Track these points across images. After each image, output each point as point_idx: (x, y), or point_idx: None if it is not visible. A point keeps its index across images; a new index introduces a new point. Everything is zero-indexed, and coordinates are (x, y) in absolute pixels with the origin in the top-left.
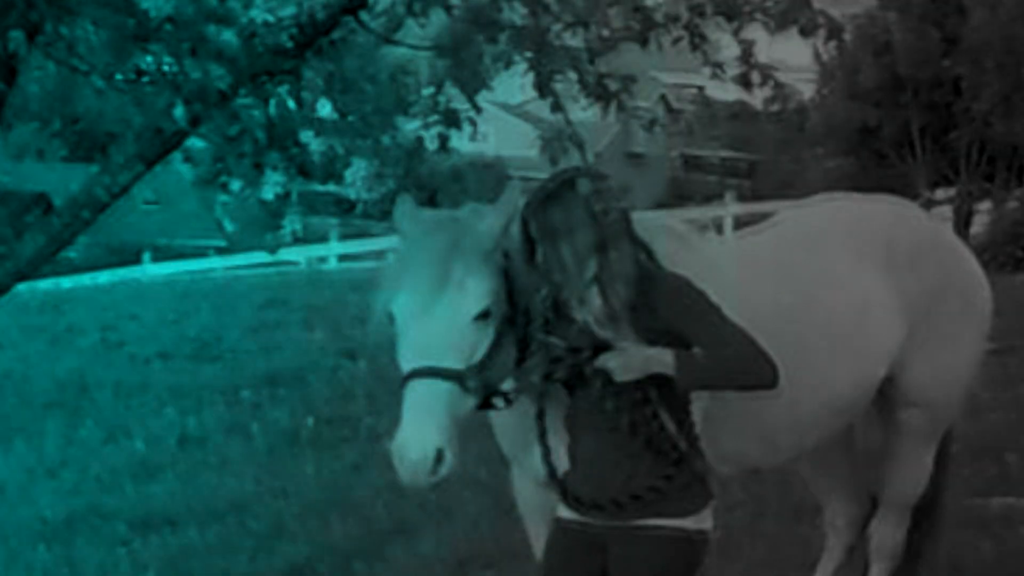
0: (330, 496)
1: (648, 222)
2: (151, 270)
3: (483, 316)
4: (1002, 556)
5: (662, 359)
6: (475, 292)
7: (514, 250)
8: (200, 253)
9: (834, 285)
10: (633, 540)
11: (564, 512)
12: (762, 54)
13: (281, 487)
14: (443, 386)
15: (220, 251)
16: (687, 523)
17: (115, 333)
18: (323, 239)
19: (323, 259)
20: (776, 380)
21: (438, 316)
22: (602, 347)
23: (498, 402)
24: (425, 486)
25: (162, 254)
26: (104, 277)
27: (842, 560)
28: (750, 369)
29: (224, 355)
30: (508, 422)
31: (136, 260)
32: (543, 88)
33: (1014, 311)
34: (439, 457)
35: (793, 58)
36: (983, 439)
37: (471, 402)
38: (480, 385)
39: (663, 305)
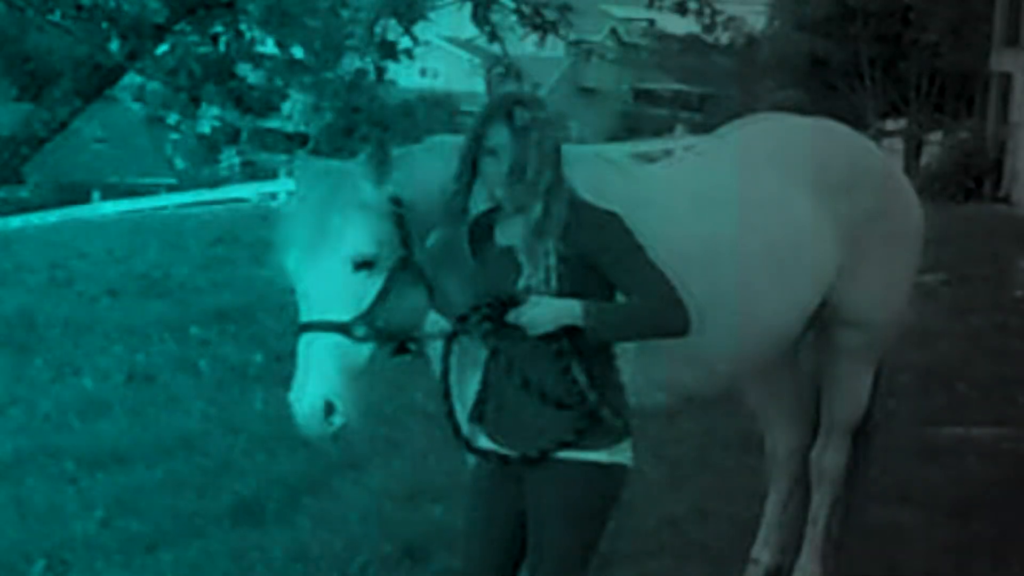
0: (279, 431)
1: (584, 152)
2: (101, 208)
3: (366, 265)
4: (950, 485)
5: (572, 311)
6: (354, 242)
7: (410, 197)
8: (151, 191)
9: (770, 212)
10: (548, 473)
11: (484, 442)
12: None
13: (230, 423)
14: (330, 338)
15: (171, 189)
16: (602, 456)
17: (63, 271)
18: (273, 175)
19: (273, 195)
20: (688, 329)
21: (320, 268)
22: (512, 302)
23: (412, 347)
24: (323, 438)
25: (112, 192)
26: (54, 216)
27: (789, 490)
28: (662, 319)
29: (173, 292)
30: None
31: (86, 199)
32: (480, 19)
33: (964, 241)
34: (329, 409)
35: None
36: (933, 369)
37: (366, 350)
38: (371, 333)
39: (589, 239)
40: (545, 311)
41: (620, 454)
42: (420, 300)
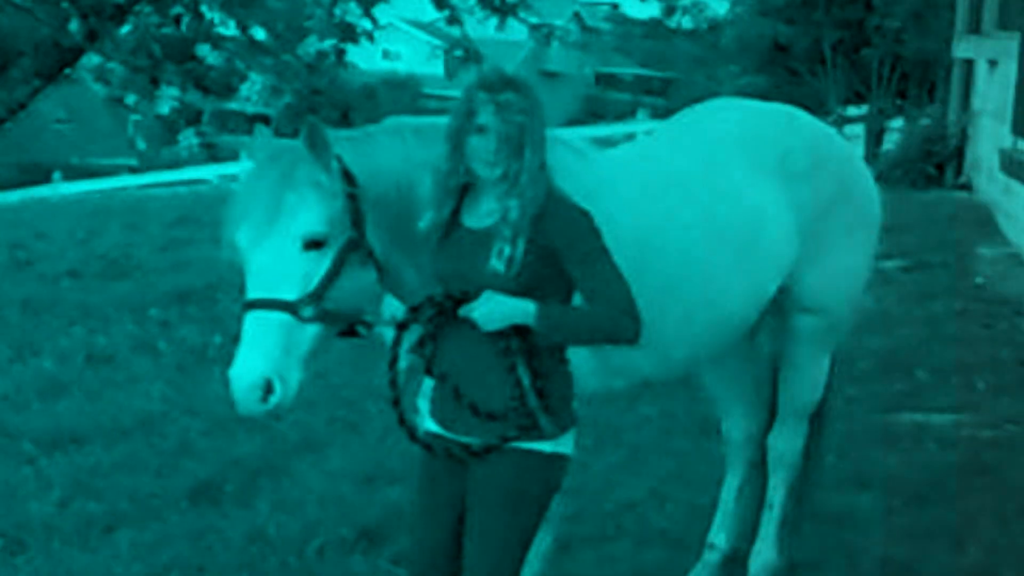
0: (238, 413)
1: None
2: (62, 189)
3: (316, 244)
4: (909, 470)
5: (526, 311)
6: (305, 221)
7: (365, 178)
8: (112, 172)
9: (730, 198)
10: (489, 460)
11: (431, 425)
12: None
13: (188, 404)
14: (274, 316)
15: (132, 170)
16: (545, 447)
17: (23, 251)
18: (235, 157)
19: (234, 177)
20: (637, 339)
21: (268, 246)
22: (465, 297)
23: (361, 330)
24: (258, 415)
25: (74, 173)
26: (14, 196)
27: (745, 475)
28: (614, 328)
29: (133, 273)
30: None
31: (47, 179)
32: (439, 1)
33: (925, 228)
34: (268, 387)
35: None
36: (893, 355)
37: (312, 330)
38: (318, 314)
39: (559, 231)
40: (498, 308)
41: (563, 445)
42: (369, 281)
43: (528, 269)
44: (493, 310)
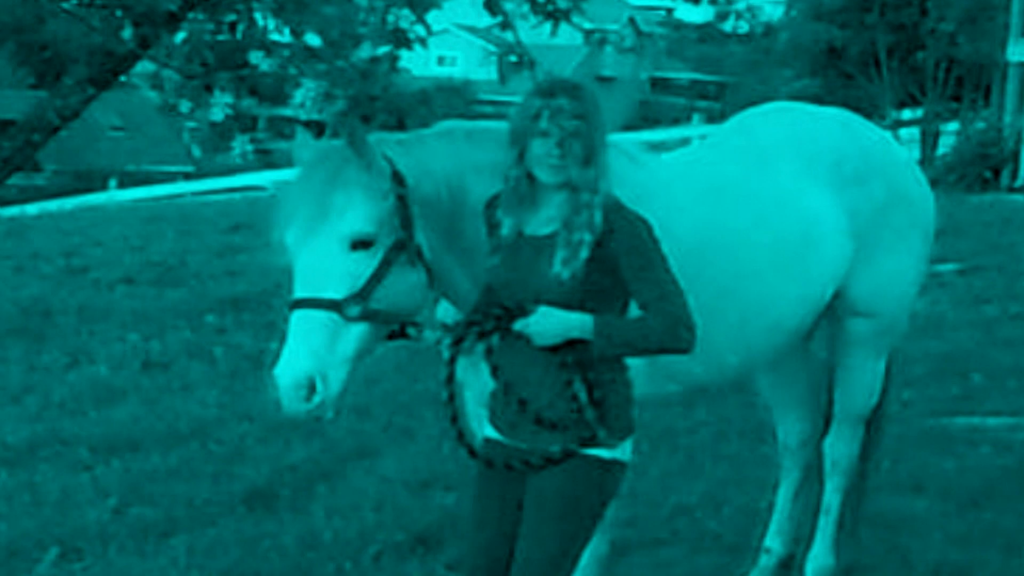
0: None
1: None
2: (118, 196)
3: (363, 244)
4: (964, 475)
5: (583, 325)
6: (352, 221)
7: (415, 179)
8: (168, 179)
9: (783, 205)
10: (547, 467)
11: (491, 431)
12: None
13: (244, 411)
14: (321, 315)
15: (188, 177)
16: (604, 453)
17: (79, 259)
18: (289, 163)
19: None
20: (692, 348)
21: (317, 246)
22: (521, 311)
23: (411, 332)
24: (301, 414)
25: (129, 180)
26: (70, 204)
27: (800, 481)
28: (670, 339)
29: (188, 279)
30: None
31: (103, 186)
32: (492, 6)
33: (980, 232)
34: (311, 386)
35: None
36: (949, 358)
37: (358, 330)
38: (364, 313)
39: (620, 239)
40: (554, 323)
41: (622, 452)
42: (419, 283)
43: (589, 277)
44: (548, 325)
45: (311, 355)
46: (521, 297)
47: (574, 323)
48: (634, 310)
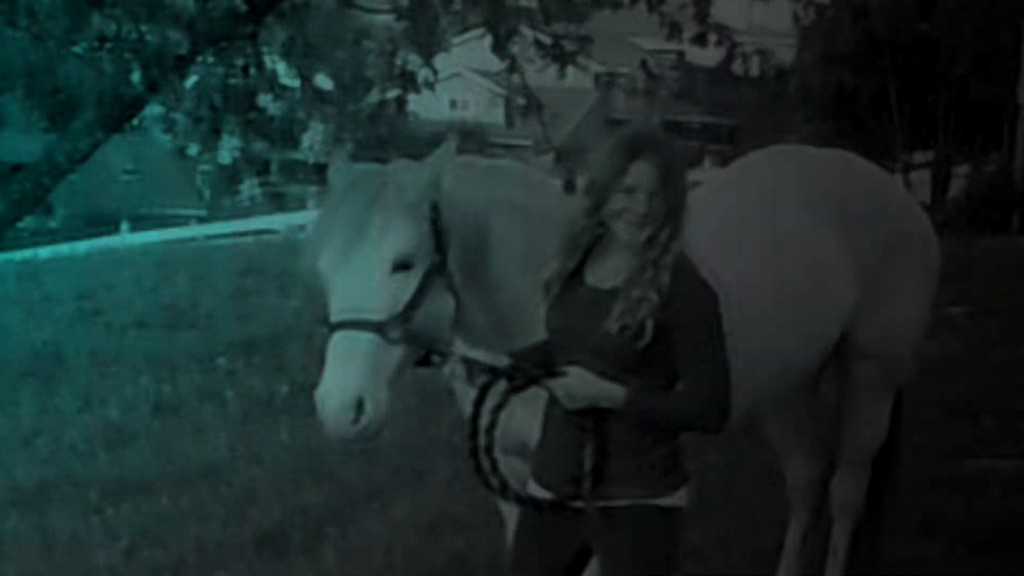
0: (303, 462)
1: None
2: (129, 239)
3: (403, 267)
4: (974, 517)
5: (613, 396)
6: (394, 243)
7: (447, 201)
8: (181, 222)
9: (789, 247)
10: (609, 521)
11: (535, 490)
12: (744, 19)
13: (255, 454)
14: (364, 337)
15: (200, 220)
16: (664, 501)
17: (91, 302)
18: (302, 206)
19: (303, 227)
20: (721, 431)
21: (357, 267)
22: (553, 372)
23: (435, 359)
24: (349, 436)
25: (141, 223)
26: (82, 247)
27: (809, 523)
28: (699, 420)
29: (200, 322)
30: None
31: (115, 229)
32: (499, 49)
33: (992, 274)
34: (359, 406)
35: (774, 23)
36: (959, 401)
37: (397, 352)
38: (404, 335)
39: (680, 304)
40: (586, 388)
41: (679, 499)
42: (449, 308)
43: (644, 338)
44: (579, 390)
45: (357, 376)
46: (570, 345)
47: (605, 392)
48: None
